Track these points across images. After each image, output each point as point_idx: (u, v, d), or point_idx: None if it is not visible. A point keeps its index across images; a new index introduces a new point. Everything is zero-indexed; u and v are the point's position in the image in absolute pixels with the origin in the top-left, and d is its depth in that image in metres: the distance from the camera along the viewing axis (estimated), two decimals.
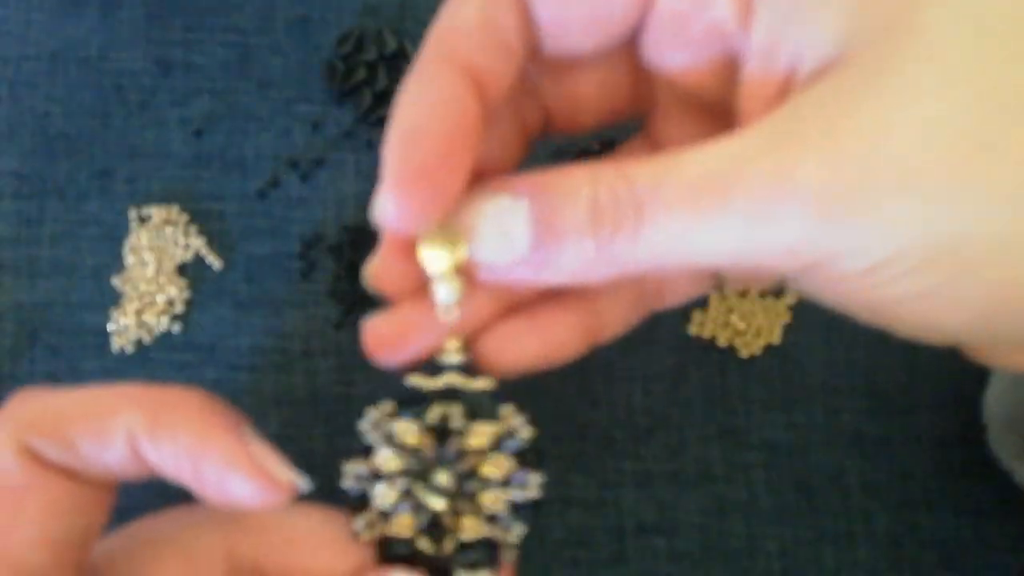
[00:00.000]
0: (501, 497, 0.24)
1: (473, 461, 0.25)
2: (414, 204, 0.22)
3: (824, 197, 0.20)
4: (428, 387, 0.25)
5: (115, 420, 0.23)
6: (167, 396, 0.24)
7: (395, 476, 0.25)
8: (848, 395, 0.37)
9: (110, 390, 0.24)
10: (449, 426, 0.25)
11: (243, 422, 0.24)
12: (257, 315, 0.37)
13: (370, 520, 0.25)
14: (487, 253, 0.23)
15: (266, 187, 0.38)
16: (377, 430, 0.25)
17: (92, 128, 0.38)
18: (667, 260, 0.21)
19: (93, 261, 0.37)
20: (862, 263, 0.20)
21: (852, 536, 0.36)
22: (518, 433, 0.25)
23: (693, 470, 0.36)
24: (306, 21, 0.40)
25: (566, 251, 0.22)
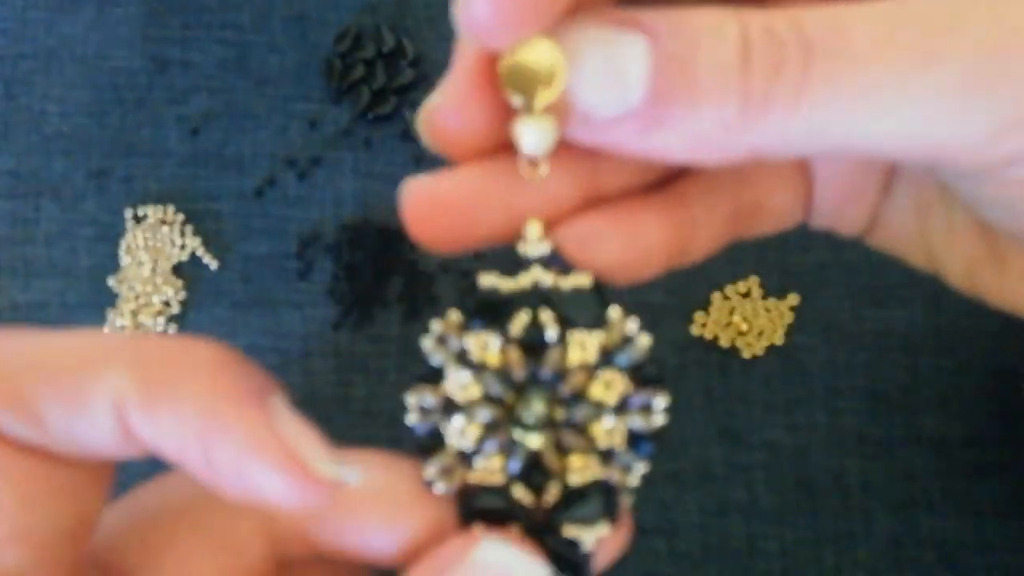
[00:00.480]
0: (617, 427, 0.19)
1: (577, 381, 0.19)
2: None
3: None
4: (508, 288, 0.19)
5: (96, 384, 0.16)
6: (168, 349, 0.17)
7: (475, 406, 0.19)
8: (850, 396, 0.37)
9: (91, 338, 0.17)
10: (542, 337, 0.19)
11: (273, 388, 0.18)
12: (254, 316, 0.37)
13: (446, 465, 0.19)
14: (589, 93, 0.17)
15: (263, 186, 0.38)
16: (445, 348, 0.19)
17: (88, 127, 0.38)
18: (834, 139, 0.16)
19: (89, 261, 0.37)
20: None
21: (852, 537, 0.36)
22: (633, 343, 0.19)
23: (693, 471, 0.36)
24: (303, 19, 0.40)
25: (696, 106, 0.16)
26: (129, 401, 0.16)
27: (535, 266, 0.19)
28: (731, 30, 0.16)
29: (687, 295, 0.38)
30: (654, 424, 0.19)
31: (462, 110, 0.18)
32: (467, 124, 0.18)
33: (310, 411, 0.38)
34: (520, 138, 0.18)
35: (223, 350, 0.17)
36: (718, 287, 0.38)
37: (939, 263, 0.22)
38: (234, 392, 0.17)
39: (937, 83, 0.16)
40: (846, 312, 0.37)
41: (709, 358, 0.37)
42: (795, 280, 0.38)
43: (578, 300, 0.19)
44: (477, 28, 0.16)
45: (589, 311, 0.19)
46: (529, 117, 0.17)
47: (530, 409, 0.19)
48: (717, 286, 0.38)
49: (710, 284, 0.38)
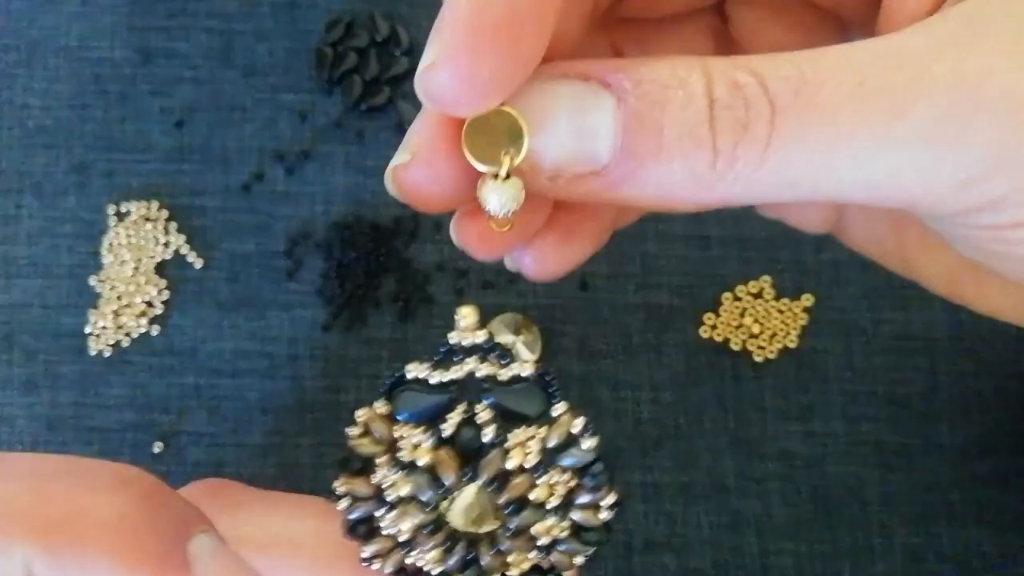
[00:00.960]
0: (559, 525, 0.19)
1: (518, 487, 0.18)
2: (486, 70, 0.16)
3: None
4: (440, 381, 0.18)
5: (3, 556, 0.16)
6: (71, 511, 0.17)
7: (408, 506, 0.18)
8: (868, 403, 0.36)
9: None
10: (478, 438, 0.18)
11: (194, 526, 0.18)
12: (240, 317, 0.36)
13: (383, 549, 0.19)
14: (556, 153, 0.17)
15: (250, 181, 0.37)
16: (374, 441, 0.18)
17: (70, 120, 0.38)
18: (803, 190, 0.17)
19: (70, 260, 0.37)
20: None
21: (871, 550, 0.35)
22: (580, 443, 0.18)
23: (704, 482, 0.35)
24: (293, 5, 0.39)
25: (665, 165, 0.17)
26: (38, 569, 0.17)
27: (469, 357, 0.18)
28: (697, 87, 0.17)
29: (695, 296, 0.37)
30: (600, 520, 0.18)
31: (428, 169, 0.18)
32: (434, 183, 0.18)
33: (299, 417, 0.37)
34: (485, 202, 0.18)
35: (134, 494, 0.17)
36: (728, 287, 0.37)
37: (917, 272, 0.23)
38: (144, 556, 0.17)
39: (901, 138, 0.16)
40: (863, 313, 0.37)
41: (720, 362, 0.36)
42: (809, 280, 0.37)
43: (520, 393, 0.18)
44: (439, 99, 0.17)
45: (532, 406, 0.18)
46: (493, 182, 0.17)
47: (466, 512, 0.18)
48: (727, 286, 0.37)
49: (720, 284, 0.37)
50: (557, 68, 0.18)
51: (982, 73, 0.16)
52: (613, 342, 0.36)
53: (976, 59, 0.16)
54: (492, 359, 0.18)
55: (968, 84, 0.16)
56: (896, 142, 0.16)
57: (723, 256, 0.37)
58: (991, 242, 0.18)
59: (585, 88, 0.17)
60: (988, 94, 0.16)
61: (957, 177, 0.16)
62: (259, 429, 0.35)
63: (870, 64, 0.16)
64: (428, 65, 0.17)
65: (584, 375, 0.36)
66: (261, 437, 0.35)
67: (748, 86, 0.16)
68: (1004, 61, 0.16)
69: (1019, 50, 0.16)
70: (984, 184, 0.16)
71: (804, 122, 0.16)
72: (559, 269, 0.21)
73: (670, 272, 0.37)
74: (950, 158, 0.16)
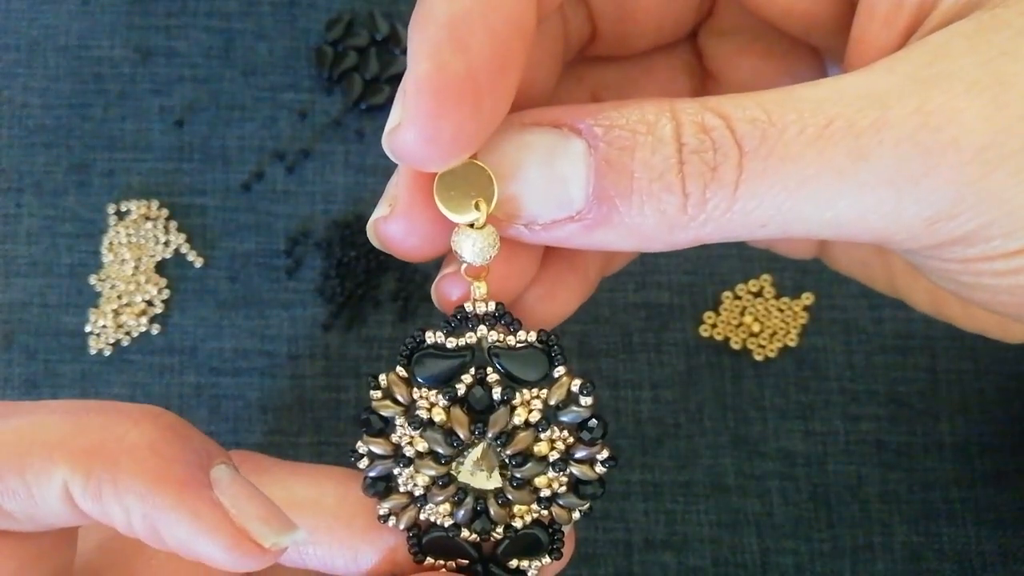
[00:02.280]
0: (559, 478, 0.20)
1: (523, 441, 0.20)
2: (449, 129, 0.17)
3: (987, 155, 0.16)
4: (454, 346, 0.20)
5: (43, 480, 0.18)
6: (106, 439, 0.18)
7: (423, 460, 0.20)
8: (868, 401, 0.36)
9: (32, 425, 0.19)
10: (488, 397, 0.20)
11: (216, 455, 0.19)
12: (240, 316, 0.36)
13: (398, 505, 0.21)
14: (531, 200, 0.18)
15: (250, 180, 0.37)
16: (392, 403, 0.20)
17: (70, 119, 0.38)
18: (774, 229, 0.17)
19: (70, 259, 0.37)
20: (1018, 242, 0.17)
21: (871, 548, 0.35)
22: (578, 401, 0.20)
23: (704, 481, 0.35)
24: (293, 4, 0.39)
25: (637, 209, 0.17)
26: (75, 492, 0.18)
27: (481, 325, 0.20)
28: (665, 131, 0.17)
29: (695, 294, 0.37)
30: (597, 473, 0.20)
31: (406, 222, 0.19)
32: (412, 234, 0.19)
33: (299, 416, 0.37)
34: (460, 251, 0.19)
35: (162, 425, 0.19)
36: (728, 286, 0.37)
37: (902, 294, 0.23)
38: (172, 476, 0.18)
39: (865, 181, 0.16)
40: (863, 312, 0.37)
41: (720, 361, 0.36)
42: (810, 279, 0.37)
43: (524, 358, 0.20)
44: (406, 159, 0.18)
45: (535, 369, 0.20)
46: (467, 231, 0.18)
47: (476, 465, 0.20)
48: (727, 285, 0.37)
49: (720, 283, 0.37)
50: (528, 116, 0.18)
51: (945, 113, 0.16)
52: (613, 341, 0.36)
53: (939, 99, 0.16)
54: (501, 326, 0.20)
55: (931, 126, 0.16)
56: (860, 184, 0.16)
57: (723, 255, 0.37)
58: (962, 274, 0.18)
59: (556, 135, 0.18)
60: (951, 134, 0.16)
61: (923, 216, 0.17)
62: (259, 428, 0.35)
63: (835, 104, 0.17)
64: (393, 127, 0.17)
65: (584, 374, 0.36)
66: (261, 436, 0.35)
67: (716, 129, 0.17)
68: (966, 101, 0.16)
69: (981, 89, 0.16)
70: (951, 222, 0.17)
71: (770, 165, 0.17)
72: (547, 323, 0.21)
73: (670, 271, 0.37)
74: (915, 198, 0.16)
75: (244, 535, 0.18)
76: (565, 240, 0.18)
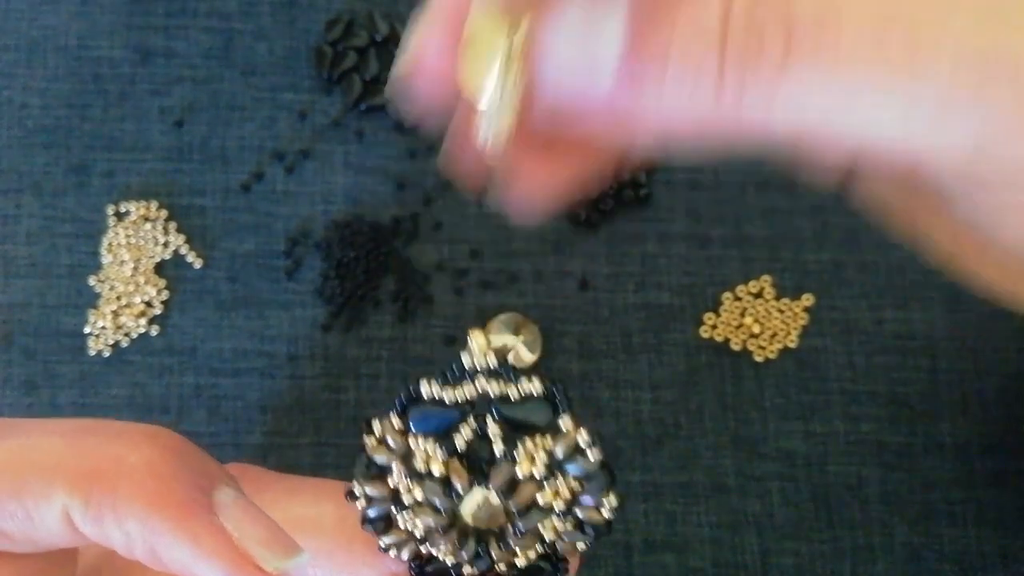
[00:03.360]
0: (563, 524, 0.20)
1: (527, 493, 0.19)
2: None
3: None
4: (451, 398, 0.19)
5: (44, 504, 0.18)
6: (105, 462, 0.18)
7: (422, 509, 0.20)
8: (868, 402, 0.36)
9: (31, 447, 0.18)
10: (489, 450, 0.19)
11: (220, 477, 0.19)
12: (240, 316, 0.36)
13: (398, 540, 0.20)
14: (558, 62, 0.16)
15: (250, 180, 0.37)
16: (388, 450, 0.20)
17: (70, 120, 0.38)
18: (806, 122, 0.16)
19: (70, 260, 0.37)
20: None
21: (871, 549, 0.35)
22: (586, 453, 0.19)
23: (705, 482, 0.35)
24: (293, 5, 0.39)
25: (673, 78, 0.16)
26: (75, 516, 0.18)
27: (480, 377, 0.19)
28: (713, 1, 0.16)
29: (695, 295, 0.37)
30: (603, 518, 0.20)
31: (445, 33, 0.17)
32: (447, 53, 0.17)
33: (299, 417, 0.37)
34: (478, 127, 0.17)
35: (161, 447, 0.18)
36: (728, 287, 0.37)
37: (921, 234, 0.22)
38: (172, 500, 0.18)
39: (918, 95, 0.15)
40: (863, 313, 0.37)
41: (720, 362, 0.36)
42: (810, 280, 0.37)
43: (528, 407, 0.19)
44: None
45: (540, 418, 0.19)
46: (487, 107, 0.17)
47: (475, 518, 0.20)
48: (727, 286, 0.37)
49: (720, 284, 0.37)
50: None
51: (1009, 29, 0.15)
52: (613, 342, 0.36)
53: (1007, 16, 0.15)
54: (502, 379, 0.19)
55: (985, 43, 0.15)
56: (914, 92, 0.15)
57: (723, 256, 0.37)
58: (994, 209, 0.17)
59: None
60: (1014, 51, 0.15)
61: (969, 140, 0.16)
62: (259, 429, 0.35)
63: (894, 9, 0.15)
64: None
65: (584, 375, 0.36)
66: (261, 437, 0.35)
67: (768, 5, 0.15)
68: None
69: None
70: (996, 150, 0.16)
71: (822, 50, 0.15)
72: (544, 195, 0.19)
73: (670, 272, 0.37)
74: (962, 121, 0.15)
75: (246, 559, 0.18)
76: (591, 115, 0.16)
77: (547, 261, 0.37)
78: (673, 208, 0.37)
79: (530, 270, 0.37)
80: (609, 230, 0.37)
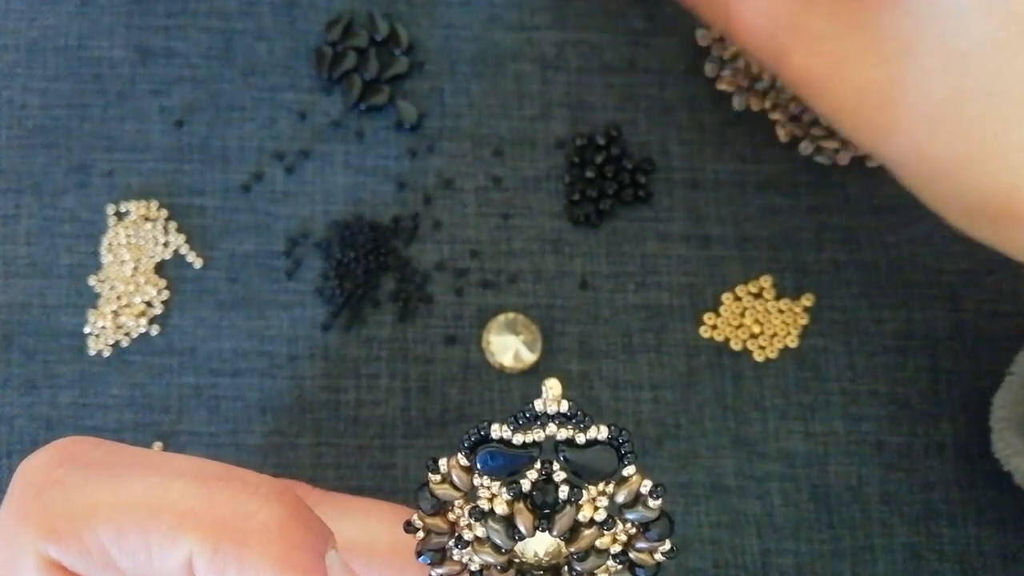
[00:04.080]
0: (616, 566, 0.20)
1: (587, 539, 0.20)
2: None
3: None
4: (520, 441, 0.20)
5: (168, 543, 0.18)
6: (236, 515, 0.18)
7: (481, 546, 0.20)
8: (869, 402, 0.36)
9: (162, 488, 0.19)
10: (554, 494, 0.20)
11: (328, 539, 0.20)
12: (240, 316, 0.36)
13: (452, 572, 0.21)
14: None
15: (250, 181, 0.37)
16: (452, 487, 0.20)
17: (69, 120, 0.38)
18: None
19: (70, 260, 0.37)
20: None
21: (871, 550, 0.35)
22: (647, 503, 0.20)
23: (705, 482, 0.35)
24: (293, 5, 0.39)
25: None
26: (198, 564, 0.18)
27: (551, 423, 0.19)
28: None
29: (695, 295, 0.37)
30: (655, 561, 0.20)
31: None
32: None
33: (299, 417, 0.37)
34: None
35: (288, 506, 0.19)
36: (728, 287, 0.37)
37: None
38: (298, 562, 0.18)
39: None
40: (863, 312, 0.37)
41: (720, 362, 0.36)
42: (810, 280, 0.37)
43: (594, 455, 0.19)
44: None
45: (604, 465, 0.19)
46: None
47: (538, 558, 0.20)
48: (727, 286, 0.37)
49: (720, 284, 0.37)
50: None
51: None
52: (613, 342, 0.36)
53: None
54: (571, 424, 0.19)
55: None
56: None
57: (723, 256, 0.37)
58: None
59: None
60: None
61: None
62: (258, 428, 0.35)
63: None
64: None
65: (584, 375, 0.36)
66: (260, 436, 0.35)
67: None
68: None
69: None
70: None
71: None
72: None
73: (670, 272, 0.37)
74: None
75: None
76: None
77: (547, 261, 0.37)
78: (673, 208, 0.38)
79: (530, 270, 0.37)
80: (609, 230, 0.37)
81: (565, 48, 0.39)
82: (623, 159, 0.37)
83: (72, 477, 0.19)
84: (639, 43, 0.39)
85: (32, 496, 0.19)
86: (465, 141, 0.38)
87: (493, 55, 0.39)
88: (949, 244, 0.37)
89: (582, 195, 0.37)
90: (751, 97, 0.38)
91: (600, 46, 0.39)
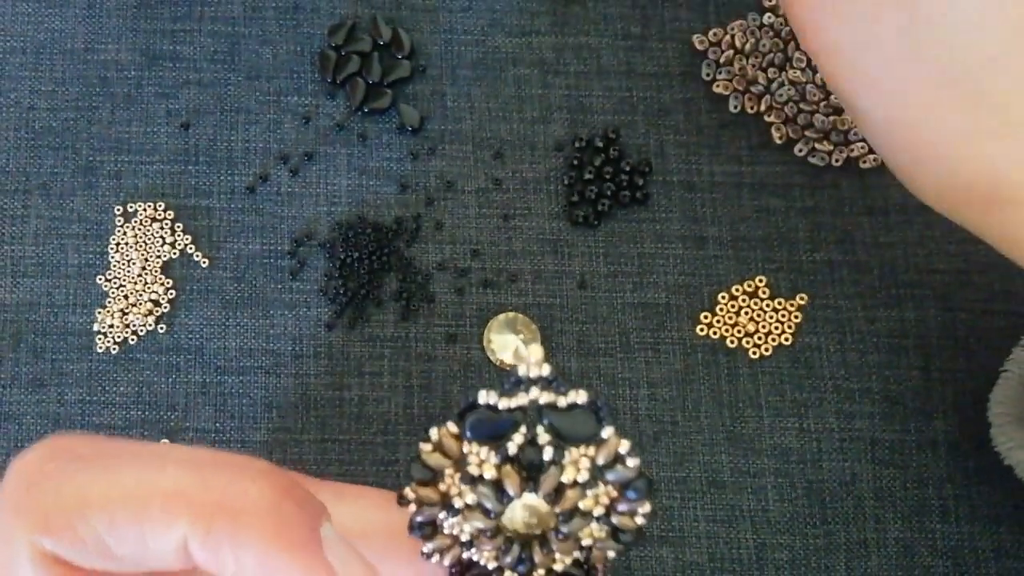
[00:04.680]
0: (600, 529, 0.21)
1: (571, 499, 0.20)
2: None
3: None
4: (506, 406, 0.20)
5: (162, 527, 0.18)
6: (228, 495, 0.19)
7: (471, 512, 0.21)
8: (862, 399, 0.36)
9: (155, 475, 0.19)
10: (539, 455, 0.20)
11: (322, 515, 0.20)
12: (245, 315, 0.36)
13: (442, 545, 0.21)
14: None
15: (255, 182, 0.38)
16: (442, 455, 0.21)
17: (77, 122, 0.38)
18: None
19: (78, 259, 0.37)
20: None
21: (865, 545, 0.35)
22: (625, 462, 0.20)
23: (701, 478, 0.35)
24: (297, 10, 0.39)
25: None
26: (192, 544, 0.18)
27: (533, 387, 0.20)
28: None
29: (692, 295, 0.37)
30: (636, 524, 0.21)
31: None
32: None
33: (303, 414, 0.38)
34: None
35: (278, 484, 0.19)
36: (724, 287, 0.37)
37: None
38: (289, 538, 0.18)
39: None
40: (857, 312, 0.37)
41: (716, 359, 0.37)
42: (804, 280, 0.37)
43: (574, 418, 0.20)
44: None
45: (585, 428, 0.20)
46: None
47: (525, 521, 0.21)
48: (723, 286, 0.37)
49: (716, 283, 0.37)
50: None
51: None
52: (611, 340, 0.37)
53: None
54: (552, 389, 0.20)
55: None
56: None
57: (719, 256, 0.38)
58: None
59: None
60: None
61: None
62: (264, 425, 0.35)
63: None
64: None
65: (583, 372, 0.36)
66: (266, 433, 0.35)
67: None
68: None
69: None
70: None
71: None
72: None
73: (667, 272, 0.37)
74: None
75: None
76: None
77: (546, 261, 0.37)
78: (670, 209, 0.38)
79: (530, 270, 0.37)
80: (607, 231, 0.38)
81: (564, 52, 0.39)
82: (621, 161, 0.38)
83: (64, 470, 0.19)
84: (636, 47, 0.39)
85: (24, 490, 0.19)
86: (466, 143, 0.38)
87: (494, 59, 0.39)
88: (941, 244, 0.38)
89: (581, 196, 0.38)
90: (747, 100, 0.39)
91: (599, 50, 0.39)
